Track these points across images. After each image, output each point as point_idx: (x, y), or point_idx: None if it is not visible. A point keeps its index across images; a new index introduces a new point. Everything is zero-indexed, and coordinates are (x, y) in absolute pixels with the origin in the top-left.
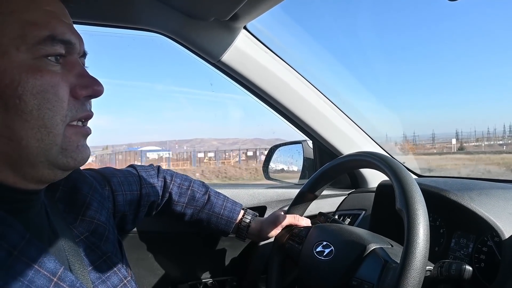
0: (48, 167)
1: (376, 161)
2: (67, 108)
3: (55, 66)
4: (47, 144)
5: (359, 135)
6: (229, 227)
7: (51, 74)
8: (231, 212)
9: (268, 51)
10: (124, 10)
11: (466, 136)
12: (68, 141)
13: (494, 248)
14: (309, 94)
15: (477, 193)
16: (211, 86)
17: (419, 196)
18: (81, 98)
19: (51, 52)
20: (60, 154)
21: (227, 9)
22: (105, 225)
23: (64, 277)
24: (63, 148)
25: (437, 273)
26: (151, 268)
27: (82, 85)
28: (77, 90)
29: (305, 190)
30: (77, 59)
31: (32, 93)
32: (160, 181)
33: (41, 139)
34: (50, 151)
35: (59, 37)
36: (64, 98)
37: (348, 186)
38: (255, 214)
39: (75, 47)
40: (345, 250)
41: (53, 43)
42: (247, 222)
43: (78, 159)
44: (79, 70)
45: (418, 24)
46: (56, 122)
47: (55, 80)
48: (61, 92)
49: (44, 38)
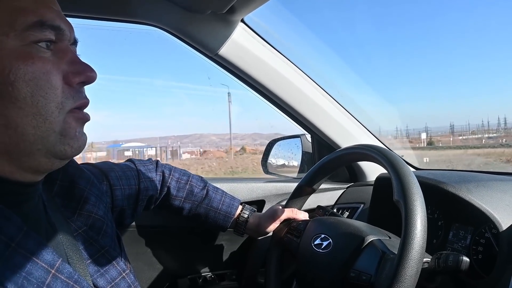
0: (45, 155)
1: (373, 154)
2: (62, 96)
3: (46, 53)
4: (44, 131)
5: (356, 128)
6: (227, 222)
7: (43, 61)
8: (229, 207)
9: (265, 44)
10: (121, 3)
11: (460, 129)
12: (68, 127)
13: (491, 240)
14: (307, 88)
15: (474, 185)
16: (208, 80)
17: (417, 187)
18: (75, 85)
19: (41, 38)
20: (58, 141)
21: (224, 1)
22: (103, 219)
23: (62, 269)
24: (62, 135)
25: (434, 264)
26: (150, 262)
27: (74, 71)
28: (70, 77)
29: (303, 184)
30: (68, 46)
31: (24, 80)
32: (159, 175)
33: (37, 126)
34: (48, 138)
35: (48, 22)
36: (57, 85)
37: (346, 179)
38: (253, 209)
39: (65, 34)
40: (343, 242)
41: (42, 29)
42: (245, 217)
43: (75, 146)
44: (71, 57)
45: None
46: (50, 109)
47: (46, 66)
48: (54, 79)
49: (33, 24)
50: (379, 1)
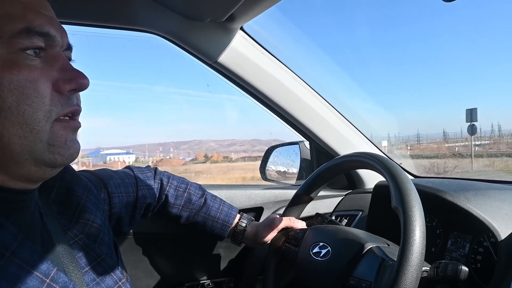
0: (34, 165)
1: (371, 162)
2: (50, 104)
3: (34, 60)
4: (31, 141)
5: (355, 135)
6: (224, 231)
7: (30, 69)
8: (227, 216)
9: (264, 52)
10: (120, 11)
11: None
12: (55, 137)
13: (490, 249)
14: (306, 95)
15: (473, 194)
16: (207, 87)
17: (415, 194)
18: (66, 93)
19: (28, 45)
20: (46, 151)
21: (223, 10)
22: (100, 227)
23: (57, 278)
24: (50, 144)
25: (433, 273)
26: (148, 269)
27: (65, 79)
28: (60, 85)
29: (300, 192)
30: (59, 52)
31: (9, 89)
32: (157, 183)
33: (23, 136)
34: (35, 148)
35: (36, 29)
36: (45, 94)
37: (345, 187)
38: (251, 218)
39: (55, 40)
40: (341, 250)
41: (29, 36)
42: (243, 226)
43: (66, 155)
44: (62, 64)
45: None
46: (37, 118)
47: (33, 75)
48: (41, 87)
49: (20, 31)
50: (377, 10)
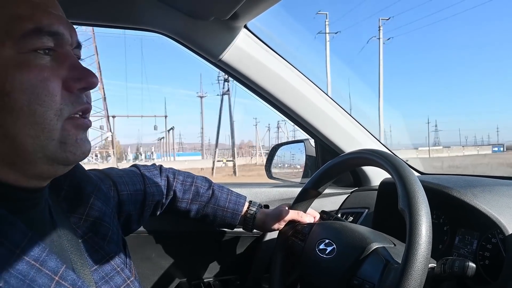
0: (47, 163)
1: (378, 159)
2: (61, 102)
3: (44, 60)
4: (43, 140)
5: (361, 133)
6: (235, 219)
7: (40, 68)
8: (236, 204)
9: (268, 50)
10: (125, 10)
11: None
12: (67, 135)
13: (499, 245)
14: (310, 92)
15: (480, 190)
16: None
17: (422, 196)
18: (75, 91)
19: (38, 45)
20: (58, 149)
21: (227, 8)
22: (109, 225)
23: (66, 276)
24: (62, 142)
25: (440, 270)
26: (155, 267)
27: (74, 77)
28: (70, 83)
29: (308, 186)
30: (68, 51)
31: (20, 90)
32: (163, 180)
33: (35, 135)
34: (47, 147)
35: (45, 29)
36: (56, 92)
37: (350, 184)
38: (260, 205)
39: (65, 39)
40: (347, 249)
41: (39, 36)
42: (252, 213)
43: (78, 153)
44: (71, 62)
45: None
46: (49, 117)
47: (44, 74)
48: (52, 87)
49: (30, 31)
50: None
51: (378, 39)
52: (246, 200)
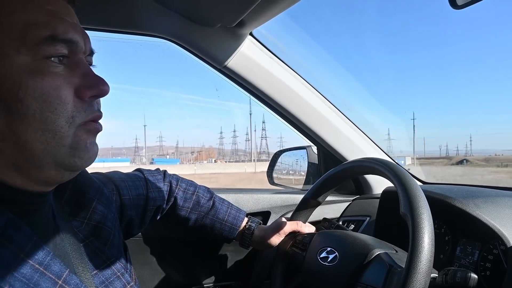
0: (54, 168)
1: (380, 167)
2: (73, 110)
3: (57, 68)
4: (53, 146)
5: (363, 141)
6: (232, 233)
7: (53, 76)
8: (235, 218)
9: (273, 57)
10: (132, 16)
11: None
12: (78, 140)
13: (500, 256)
14: (314, 100)
15: (482, 201)
16: (216, 91)
17: (424, 200)
18: (87, 99)
19: (52, 53)
20: (68, 154)
21: (234, 16)
22: (111, 229)
23: (69, 280)
24: (72, 148)
25: (442, 280)
26: (155, 272)
27: (87, 85)
28: (82, 91)
29: (308, 196)
30: (82, 59)
31: (33, 97)
32: (166, 185)
33: (46, 141)
34: (58, 152)
35: (60, 36)
36: (68, 100)
37: (352, 192)
38: (259, 222)
39: (79, 46)
40: (349, 256)
41: (54, 43)
42: (251, 229)
43: (85, 158)
44: (84, 70)
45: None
46: (60, 124)
47: (57, 82)
48: (64, 94)
49: (45, 38)
50: (389, 16)
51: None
52: (248, 211)
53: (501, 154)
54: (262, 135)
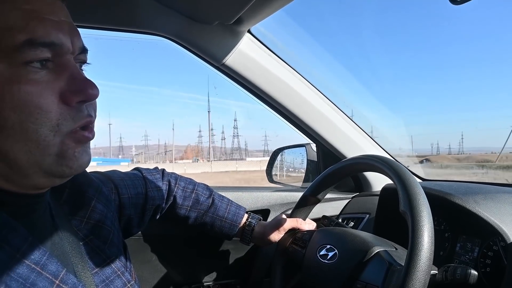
0: (43, 176)
1: (379, 164)
2: (58, 118)
3: (38, 73)
4: (38, 156)
5: (362, 138)
6: (232, 230)
7: (32, 84)
8: (235, 215)
9: (272, 55)
10: (129, 14)
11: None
12: (66, 149)
13: (500, 253)
14: (313, 97)
15: (482, 197)
16: (214, 89)
17: (423, 198)
18: (74, 104)
19: (32, 58)
20: (55, 163)
21: (231, 13)
22: (110, 228)
23: (66, 280)
24: (59, 156)
25: (442, 277)
26: (155, 270)
27: (72, 90)
28: (67, 96)
29: (307, 194)
30: (68, 60)
31: (11, 108)
32: (165, 184)
33: (29, 151)
34: (43, 162)
35: (40, 40)
36: (50, 109)
37: (351, 189)
38: (259, 218)
39: (64, 48)
40: (349, 253)
41: (33, 48)
42: (251, 225)
43: (75, 167)
44: (70, 73)
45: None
46: (43, 134)
47: (36, 90)
48: (45, 103)
49: (22, 44)
50: (386, 13)
51: None
52: (248, 208)
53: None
54: (234, 134)
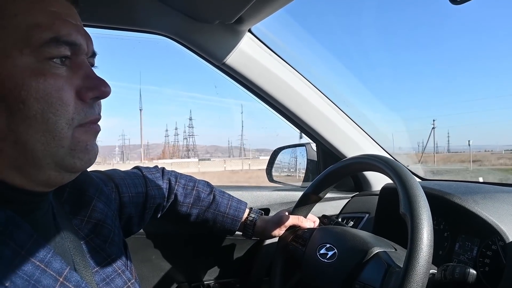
0: (54, 169)
1: (380, 164)
2: (74, 112)
3: (59, 69)
4: (53, 147)
5: (363, 138)
6: (235, 225)
7: (55, 77)
8: (237, 210)
9: (272, 54)
10: (130, 13)
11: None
12: (77, 142)
13: (499, 252)
14: (313, 97)
15: (481, 197)
16: (215, 88)
17: (423, 200)
18: (88, 100)
19: (55, 54)
20: (68, 155)
21: (232, 12)
22: (111, 227)
23: (70, 277)
24: (72, 149)
25: (441, 276)
26: (155, 269)
27: (88, 87)
28: (83, 92)
29: (309, 191)
30: (84, 60)
31: (35, 98)
32: (165, 183)
33: (46, 142)
34: (57, 154)
35: (63, 38)
36: (69, 102)
37: (351, 189)
38: (261, 212)
39: (81, 48)
40: (348, 253)
41: (57, 45)
42: (253, 221)
43: (85, 160)
44: (86, 72)
45: None
46: (61, 126)
47: (59, 83)
48: (66, 96)
49: (48, 40)
50: (387, 12)
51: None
52: (247, 207)
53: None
54: (189, 133)
